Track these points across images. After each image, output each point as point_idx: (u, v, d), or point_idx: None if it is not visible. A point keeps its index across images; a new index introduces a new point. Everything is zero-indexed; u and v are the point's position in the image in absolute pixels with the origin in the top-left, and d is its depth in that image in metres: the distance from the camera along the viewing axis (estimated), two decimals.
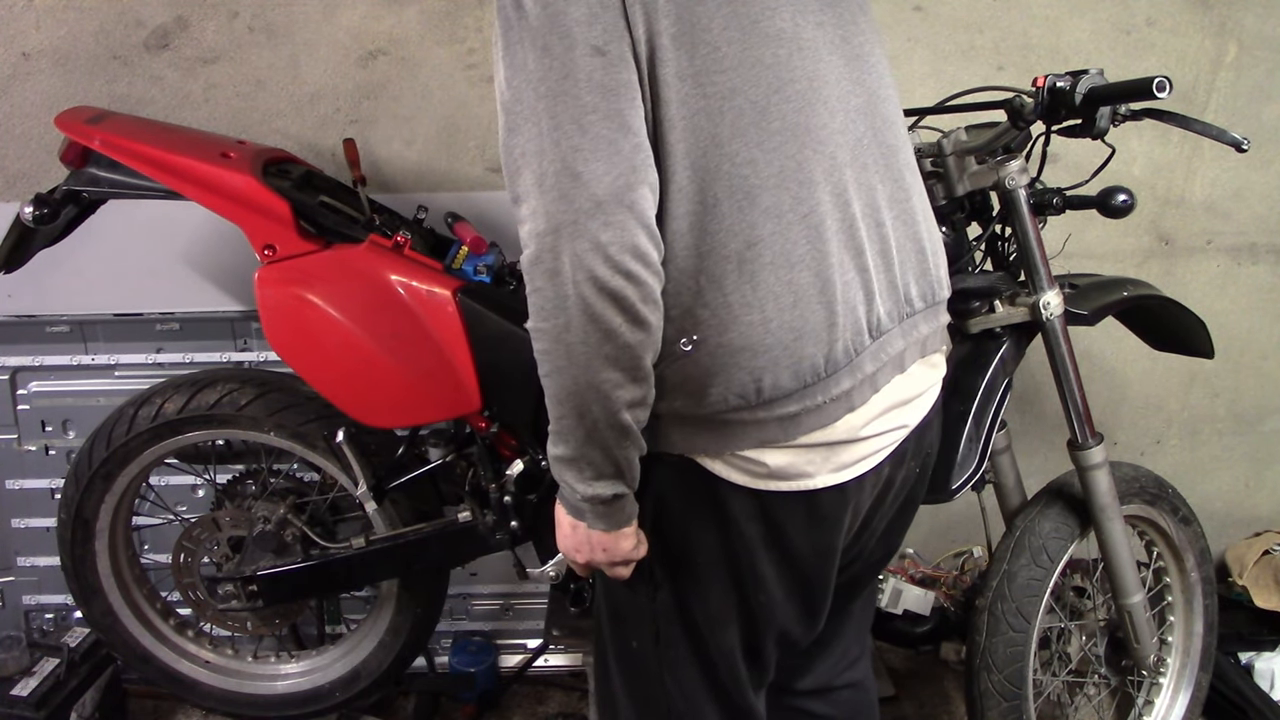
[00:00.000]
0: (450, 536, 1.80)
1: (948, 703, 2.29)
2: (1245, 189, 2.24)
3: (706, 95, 1.02)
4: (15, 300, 2.08)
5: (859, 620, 1.49)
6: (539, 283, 1.00)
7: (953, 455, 1.57)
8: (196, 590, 1.94)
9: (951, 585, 2.00)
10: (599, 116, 0.97)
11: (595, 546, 1.13)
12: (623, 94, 0.99)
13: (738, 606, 1.20)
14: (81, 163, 1.68)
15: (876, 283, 1.12)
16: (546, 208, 0.97)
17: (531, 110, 0.98)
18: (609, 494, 1.09)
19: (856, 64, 1.13)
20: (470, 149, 2.07)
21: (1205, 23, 2.10)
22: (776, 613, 1.21)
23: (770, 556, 1.16)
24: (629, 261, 0.98)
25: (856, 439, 1.13)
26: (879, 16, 2.03)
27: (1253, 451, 2.51)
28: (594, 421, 1.04)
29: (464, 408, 1.65)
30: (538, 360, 1.05)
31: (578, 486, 1.10)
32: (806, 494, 1.12)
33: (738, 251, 1.03)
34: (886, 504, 1.27)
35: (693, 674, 1.24)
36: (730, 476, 1.12)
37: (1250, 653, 2.33)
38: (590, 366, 1.01)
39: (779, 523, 1.14)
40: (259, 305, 1.61)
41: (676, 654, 1.23)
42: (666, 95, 1.01)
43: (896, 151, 1.17)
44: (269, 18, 1.97)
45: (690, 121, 1.02)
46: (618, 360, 1.01)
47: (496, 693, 2.26)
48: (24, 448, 2.19)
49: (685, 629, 1.22)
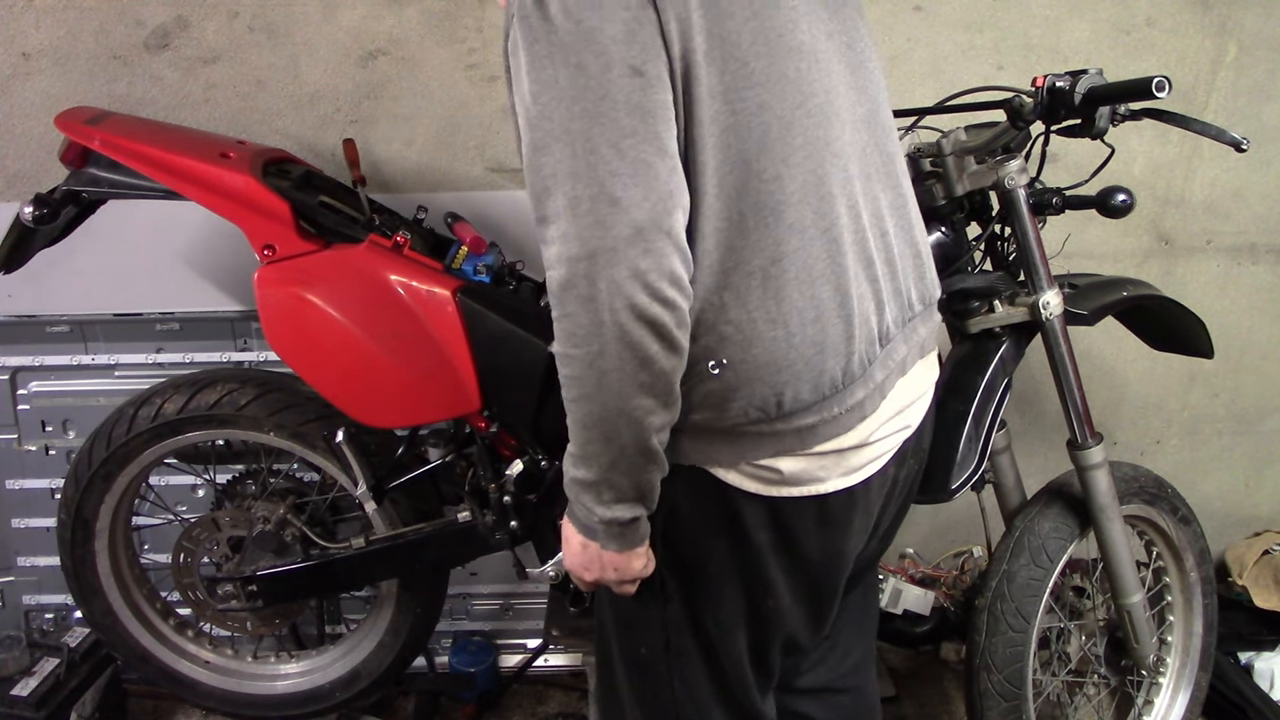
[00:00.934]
0: (450, 536, 1.80)
1: (948, 703, 2.29)
2: (1245, 189, 2.24)
3: (735, 112, 1.01)
4: (15, 300, 2.08)
5: (858, 618, 1.49)
6: (571, 308, 0.97)
7: (952, 455, 1.56)
8: (196, 590, 1.94)
9: (951, 585, 2.00)
10: (637, 140, 0.95)
11: (606, 566, 1.12)
12: (660, 116, 0.97)
13: (747, 613, 1.20)
14: (81, 163, 1.68)
15: (885, 291, 1.13)
16: (581, 233, 0.95)
17: (564, 130, 0.96)
18: (628, 517, 1.08)
19: (859, 71, 1.14)
20: (470, 149, 2.07)
21: (1205, 23, 2.10)
22: (785, 618, 1.21)
23: (780, 562, 1.16)
24: (667, 288, 0.96)
25: (867, 443, 1.14)
26: (879, 16, 2.04)
27: (1253, 451, 2.51)
28: (622, 447, 1.02)
29: (464, 408, 1.65)
30: (565, 384, 1.02)
31: (596, 509, 1.08)
32: (817, 498, 1.12)
33: (762, 267, 1.03)
34: (891, 503, 1.28)
35: (702, 680, 1.24)
36: (742, 485, 1.12)
37: (1250, 653, 2.33)
38: (624, 393, 0.99)
39: (789, 527, 1.14)
40: (259, 305, 1.61)
41: (687, 661, 1.23)
42: (699, 114, 0.99)
43: (894, 159, 1.18)
44: (269, 18, 1.97)
45: (720, 139, 1.01)
46: (652, 387, 1.00)
47: (496, 693, 2.26)
48: (24, 448, 2.19)
49: (695, 637, 1.22)
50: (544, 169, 0.97)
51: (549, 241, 0.98)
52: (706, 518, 1.14)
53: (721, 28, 0.99)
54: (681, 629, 1.22)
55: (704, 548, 1.17)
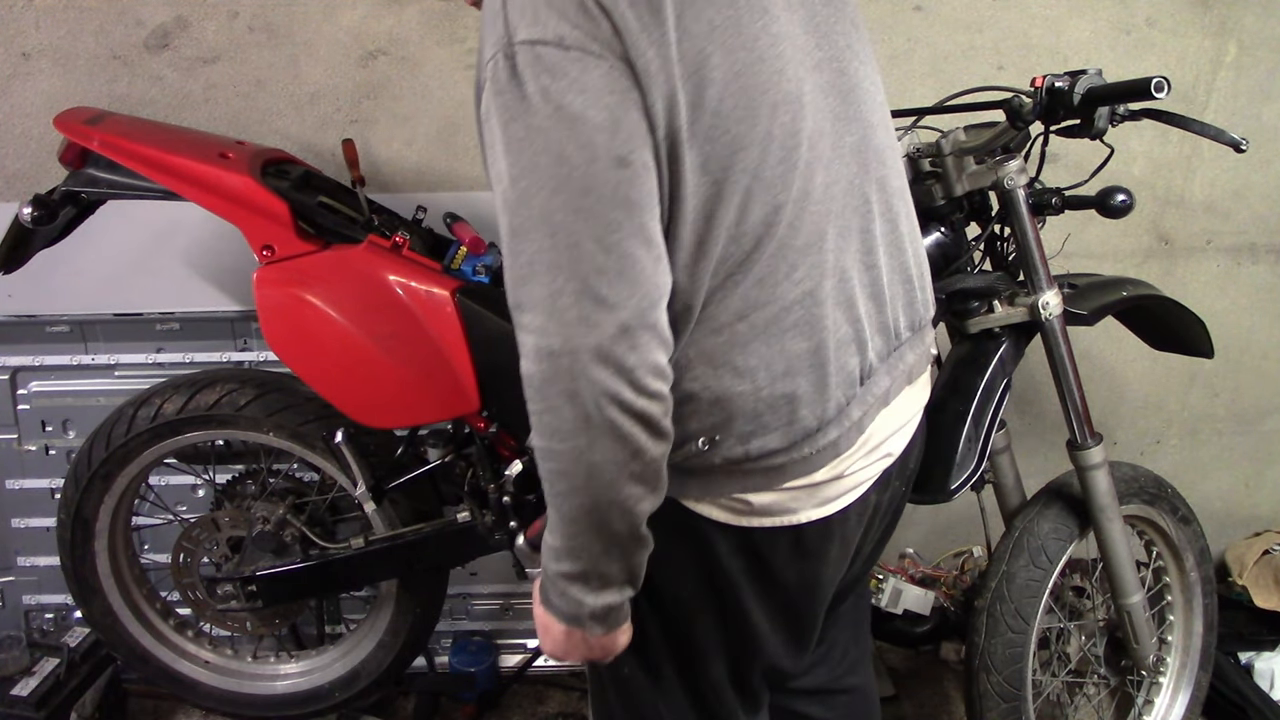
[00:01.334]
0: (449, 536, 1.80)
1: (947, 703, 2.29)
2: (1245, 189, 2.24)
3: (716, 182, 0.96)
4: (15, 300, 2.08)
5: (852, 620, 1.48)
6: (555, 402, 0.92)
7: (952, 455, 1.56)
8: (196, 590, 1.94)
9: (951, 585, 1.99)
10: (623, 235, 0.90)
11: (594, 648, 1.08)
12: (645, 205, 0.92)
13: (723, 640, 1.18)
14: (80, 163, 1.68)
15: (868, 329, 1.10)
16: (563, 329, 0.90)
17: (543, 219, 0.90)
18: (618, 601, 1.04)
19: (851, 97, 1.09)
20: (470, 149, 2.07)
21: (1205, 23, 2.09)
22: (763, 645, 1.19)
23: (754, 589, 1.14)
24: (652, 382, 0.93)
25: (842, 477, 1.11)
26: (879, 16, 2.04)
27: (1253, 451, 2.51)
28: (613, 535, 0.98)
29: (463, 408, 1.65)
30: (549, 479, 0.97)
31: (585, 600, 1.02)
32: (791, 528, 1.10)
33: (729, 324, 1.01)
34: (874, 528, 1.25)
35: (683, 703, 1.23)
36: (713, 515, 1.10)
37: (1250, 652, 2.33)
38: (615, 484, 0.95)
39: (763, 556, 1.12)
40: (257, 305, 1.61)
41: (667, 685, 1.23)
42: (682, 191, 0.95)
43: (886, 182, 1.13)
44: (269, 18, 1.97)
45: (700, 210, 0.96)
46: (643, 475, 0.96)
47: (496, 693, 2.26)
48: (24, 448, 2.19)
49: (673, 662, 1.21)
50: (522, 255, 0.92)
51: (526, 330, 0.93)
52: (679, 546, 1.12)
53: (703, 97, 0.94)
54: (660, 654, 1.20)
55: (677, 575, 1.14)
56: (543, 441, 0.96)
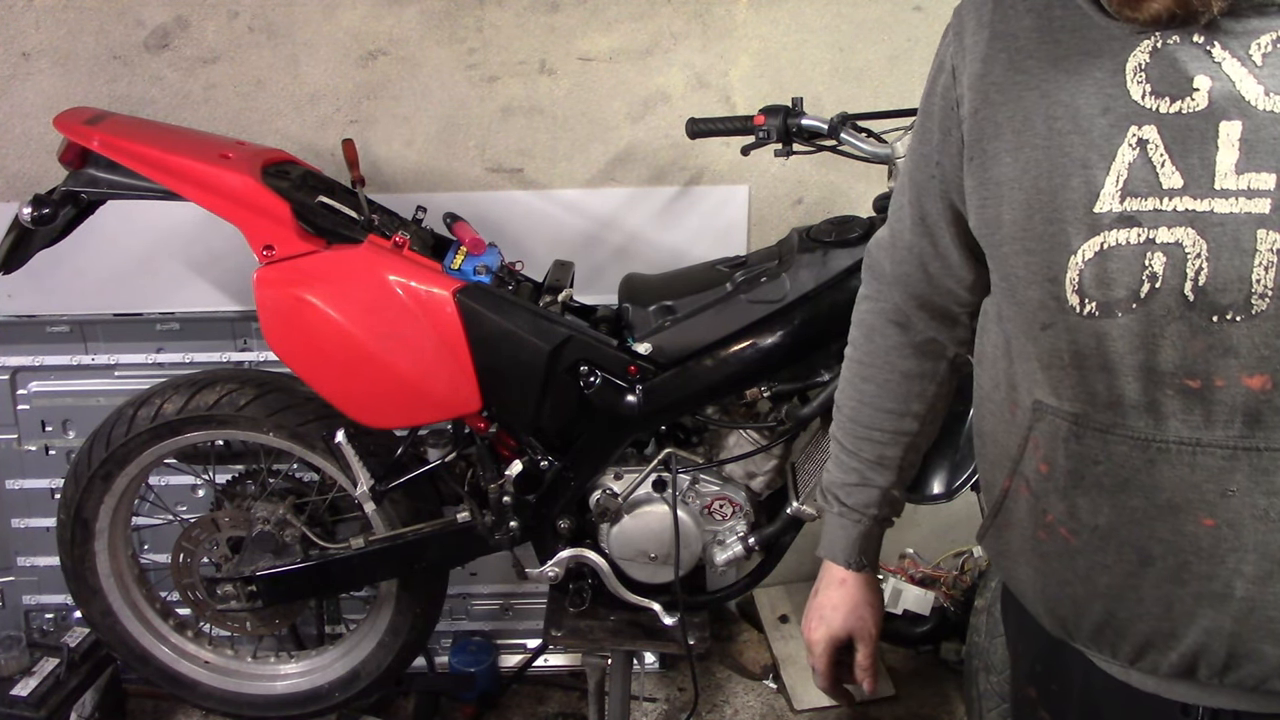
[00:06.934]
0: (450, 536, 1.80)
1: (947, 703, 2.28)
2: None
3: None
4: (15, 300, 2.08)
5: None
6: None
7: (952, 455, 1.57)
8: (196, 590, 1.94)
9: (951, 585, 2.00)
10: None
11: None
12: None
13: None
14: (80, 163, 1.67)
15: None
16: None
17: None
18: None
19: None
20: (470, 149, 2.07)
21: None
22: None
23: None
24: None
25: None
26: (879, 16, 2.04)
27: None
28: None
29: (463, 408, 1.65)
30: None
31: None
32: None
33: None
34: None
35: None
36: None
37: None
38: None
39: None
40: (258, 306, 1.61)
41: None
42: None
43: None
44: (269, 18, 1.97)
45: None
46: None
47: (496, 693, 2.26)
48: (24, 448, 2.19)
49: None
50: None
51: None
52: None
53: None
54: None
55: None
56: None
